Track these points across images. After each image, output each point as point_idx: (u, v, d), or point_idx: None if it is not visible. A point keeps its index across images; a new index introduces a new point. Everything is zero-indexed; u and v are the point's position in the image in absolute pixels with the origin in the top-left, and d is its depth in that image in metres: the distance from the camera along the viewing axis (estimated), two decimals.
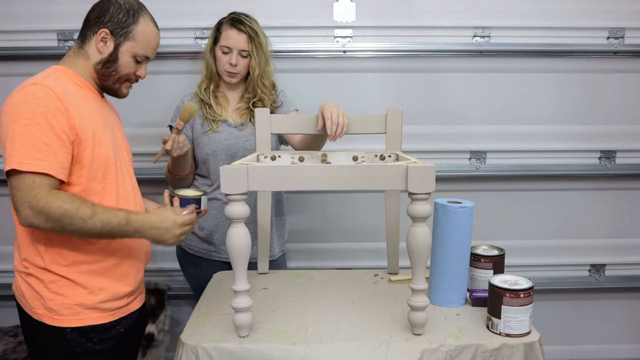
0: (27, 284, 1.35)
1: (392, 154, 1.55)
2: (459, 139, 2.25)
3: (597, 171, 2.28)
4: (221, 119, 1.86)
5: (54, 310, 1.33)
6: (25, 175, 1.22)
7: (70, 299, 1.33)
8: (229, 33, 1.81)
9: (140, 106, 2.15)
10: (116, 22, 1.37)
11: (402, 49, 2.17)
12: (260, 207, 1.71)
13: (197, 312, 1.44)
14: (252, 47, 1.81)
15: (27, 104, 1.23)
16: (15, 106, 1.24)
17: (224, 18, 1.86)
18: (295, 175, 1.20)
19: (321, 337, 1.26)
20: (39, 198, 1.21)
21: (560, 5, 2.16)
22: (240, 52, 1.82)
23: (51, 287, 1.33)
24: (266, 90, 1.87)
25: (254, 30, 1.82)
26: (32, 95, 1.24)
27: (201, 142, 1.86)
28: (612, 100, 2.25)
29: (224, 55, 1.82)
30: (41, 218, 1.22)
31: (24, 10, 2.09)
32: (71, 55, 1.40)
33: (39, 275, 1.33)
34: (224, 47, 1.82)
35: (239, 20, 1.82)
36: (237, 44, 1.81)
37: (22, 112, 1.23)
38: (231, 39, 1.80)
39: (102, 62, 1.38)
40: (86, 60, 1.38)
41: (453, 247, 1.41)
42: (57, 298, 1.33)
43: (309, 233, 2.31)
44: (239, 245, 1.20)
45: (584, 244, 2.36)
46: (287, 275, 1.73)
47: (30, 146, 1.22)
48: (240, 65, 1.83)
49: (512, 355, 1.24)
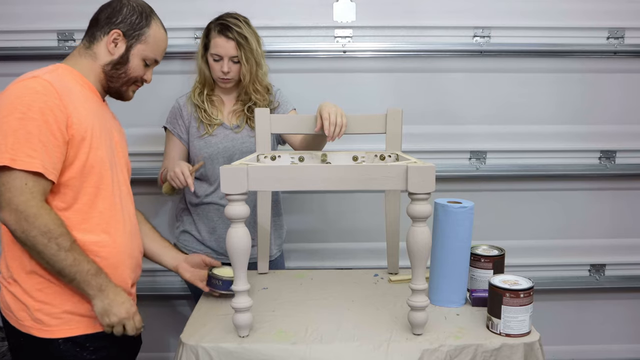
0: (11, 294, 1.29)
1: (392, 154, 1.55)
2: (459, 139, 2.25)
3: (597, 171, 2.28)
4: (217, 122, 1.85)
5: (42, 322, 1.27)
6: (17, 173, 1.17)
7: (58, 307, 1.28)
8: (217, 41, 1.77)
9: (140, 106, 2.14)
10: (129, 24, 1.35)
11: (402, 49, 2.17)
12: (260, 207, 1.71)
13: (197, 312, 1.44)
14: (242, 54, 1.77)
15: (23, 97, 1.19)
16: (11, 99, 1.19)
17: (212, 23, 1.80)
18: (295, 175, 1.20)
19: (321, 337, 1.26)
20: (31, 205, 1.18)
21: (560, 5, 2.16)
22: (232, 59, 1.78)
23: (37, 295, 1.27)
24: (259, 95, 1.85)
25: (243, 35, 1.76)
26: (31, 89, 1.20)
27: (197, 145, 1.85)
28: (612, 100, 2.25)
29: (215, 63, 1.79)
30: (21, 225, 1.18)
31: (24, 10, 2.09)
32: (76, 55, 1.37)
33: (23, 283, 1.27)
34: (214, 55, 1.78)
35: (226, 27, 1.76)
36: (227, 52, 1.77)
37: (17, 105, 1.18)
38: (220, 47, 1.76)
39: (112, 64, 1.35)
40: (93, 61, 1.35)
41: (453, 247, 1.41)
42: (45, 307, 1.27)
43: (309, 233, 2.31)
44: (239, 245, 1.20)
45: (584, 244, 2.36)
46: (287, 275, 1.73)
47: (23, 142, 1.17)
48: (233, 71, 1.80)
49: (512, 355, 1.24)
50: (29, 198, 1.18)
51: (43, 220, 1.19)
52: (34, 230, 1.19)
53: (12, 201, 1.17)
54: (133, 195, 1.48)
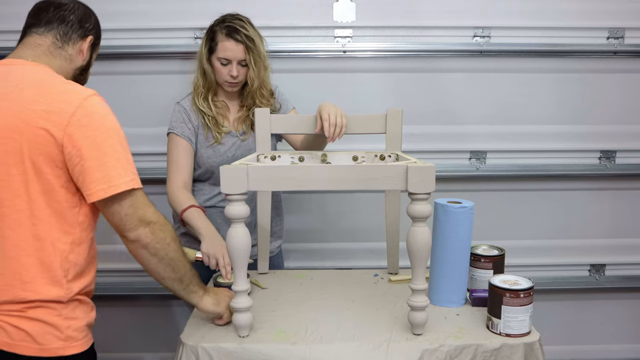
0: (30, 320, 1.14)
1: (392, 154, 1.55)
2: (459, 139, 2.25)
3: (597, 171, 2.28)
4: (225, 130, 1.81)
5: (72, 338, 1.18)
6: (137, 191, 1.18)
7: (82, 321, 1.21)
8: (226, 44, 1.70)
9: (140, 106, 2.15)
10: (97, 32, 1.36)
11: (402, 49, 2.17)
12: (260, 207, 1.71)
13: (197, 312, 1.43)
14: (250, 57, 1.72)
15: (110, 116, 1.18)
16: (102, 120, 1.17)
17: (217, 25, 1.74)
18: (295, 175, 1.20)
19: (321, 337, 1.26)
20: (158, 214, 1.21)
21: (560, 5, 2.16)
22: (240, 62, 1.73)
23: (64, 312, 1.18)
24: (264, 99, 1.81)
25: (251, 38, 1.72)
26: (106, 106, 1.20)
27: (205, 154, 1.80)
28: (612, 100, 2.25)
29: (223, 67, 1.73)
30: (157, 235, 1.20)
31: (24, 10, 2.09)
32: (47, 54, 1.26)
33: (51, 305, 1.16)
34: (222, 59, 1.72)
35: (234, 29, 1.70)
36: (236, 55, 1.71)
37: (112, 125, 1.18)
38: (229, 51, 1.71)
39: (81, 69, 1.34)
40: (68, 64, 1.30)
41: (453, 247, 1.41)
42: (73, 323, 1.19)
43: (309, 233, 2.31)
44: (239, 245, 1.20)
45: (584, 244, 2.36)
46: (287, 275, 1.73)
47: (129, 160, 1.18)
48: (242, 75, 1.76)
49: (512, 355, 1.24)
50: (154, 209, 1.21)
51: (169, 226, 1.23)
52: (168, 236, 1.22)
53: (145, 217, 1.18)
54: None
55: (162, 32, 2.13)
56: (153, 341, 2.37)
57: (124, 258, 2.23)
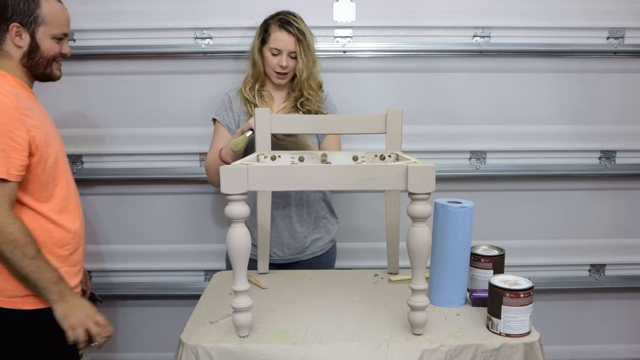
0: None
1: (392, 154, 1.55)
2: (459, 139, 2.25)
3: (597, 171, 2.28)
4: None
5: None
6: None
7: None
8: (278, 35, 1.82)
9: (142, 106, 2.15)
10: (20, 13, 1.35)
11: (402, 49, 2.17)
12: (260, 207, 1.71)
13: (197, 312, 1.44)
14: (300, 49, 1.82)
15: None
16: None
17: (271, 18, 1.86)
18: (296, 175, 1.20)
19: (321, 337, 1.26)
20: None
21: (560, 5, 2.16)
22: (290, 54, 1.83)
23: None
24: (312, 91, 1.89)
25: (302, 31, 1.83)
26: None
27: None
28: (612, 100, 2.25)
29: (273, 57, 1.83)
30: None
31: None
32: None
33: None
34: (273, 49, 1.82)
35: (287, 22, 1.82)
36: (287, 46, 1.82)
37: None
38: (280, 41, 1.81)
39: (26, 55, 1.38)
40: (10, 60, 1.38)
41: (453, 247, 1.41)
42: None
43: None
44: (239, 245, 1.20)
45: (584, 244, 2.36)
46: (287, 275, 1.73)
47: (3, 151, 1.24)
48: (290, 67, 1.85)
49: (512, 355, 1.24)
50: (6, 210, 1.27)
51: (10, 228, 1.28)
52: (0, 239, 1.27)
53: None
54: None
55: (162, 32, 2.13)
56: (153, 341, 2.37)
57: (123, 258, 2.24)
